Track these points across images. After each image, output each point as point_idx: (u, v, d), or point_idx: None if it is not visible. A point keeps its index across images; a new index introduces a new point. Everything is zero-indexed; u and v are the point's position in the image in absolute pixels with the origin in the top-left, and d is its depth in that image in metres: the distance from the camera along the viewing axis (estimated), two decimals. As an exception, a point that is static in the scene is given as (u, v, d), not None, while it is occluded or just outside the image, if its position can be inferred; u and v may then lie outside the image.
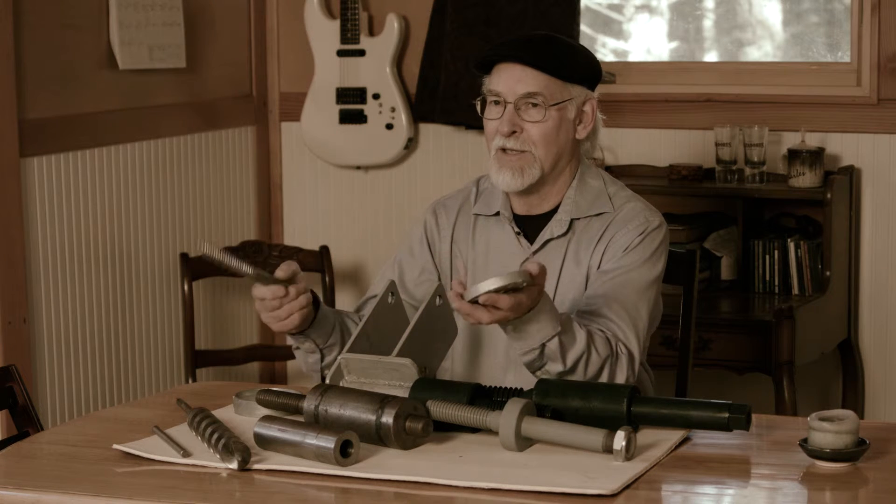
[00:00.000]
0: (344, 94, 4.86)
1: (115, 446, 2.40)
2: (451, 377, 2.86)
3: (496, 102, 2.80)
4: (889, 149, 4.36)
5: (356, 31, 4.82)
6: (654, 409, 2.40)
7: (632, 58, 4.92)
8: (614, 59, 4.87)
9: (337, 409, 2.38)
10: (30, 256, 4.08)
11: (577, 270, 2.80)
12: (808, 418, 2.31)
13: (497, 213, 2.88)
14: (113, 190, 4.38)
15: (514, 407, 2.34)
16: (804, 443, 2.30)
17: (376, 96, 4.83)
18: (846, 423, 2.27)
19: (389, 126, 4.83)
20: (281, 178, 5.10)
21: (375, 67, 4.83)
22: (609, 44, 4.97)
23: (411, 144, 4.87)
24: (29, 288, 4.07)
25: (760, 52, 4.77)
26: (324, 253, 4.72)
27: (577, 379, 2.59)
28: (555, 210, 2.84)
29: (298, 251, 4.73)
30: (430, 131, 4.89)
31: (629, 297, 2.73)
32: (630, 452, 2.28)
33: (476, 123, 4.57)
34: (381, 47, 4.83)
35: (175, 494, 2.20)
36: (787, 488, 2.22)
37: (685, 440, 2.42)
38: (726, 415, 2.35)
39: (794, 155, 4.27)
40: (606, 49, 4.94)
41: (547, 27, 4.42)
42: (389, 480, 2.23)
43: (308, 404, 2.41)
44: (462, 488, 2.19)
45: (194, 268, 4.57)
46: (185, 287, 4.53)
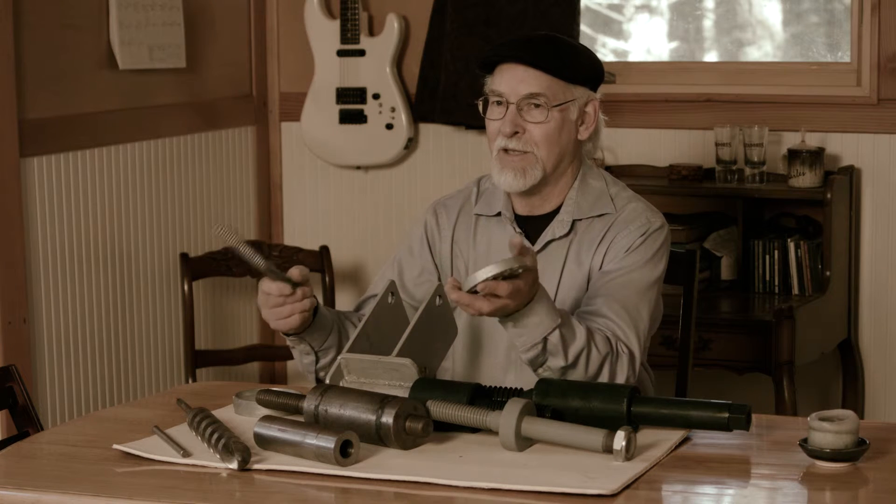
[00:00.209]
0: (344, 94, 4.86)
1: (115, 446, 2.40)
2: (451, 377, 2.86)
3: (498, 103, 2.79)
4: (889, 149, 4.35)
5: (356, 31, 4.82)
6: (654, 409, 2.40)
7: (632, 58, 4.92)
8: (614, 59, 4.87)
9: (337, 409, 2.38)
10: (30, 256, 4.08)
11: (579, 271, 2.80)
12: (808, 418, 2.31)
13: (498, 214, 2.88)
14: (113, 190, 4.38)
15: (514, 407, 2.34)
16: (804, 443, 2.30)
17: (376, 96, 4.83)
18: (846, 423, 2.27)
19: (389, 126, 4.83)
20: (281, 178, 5.10)
21: (375, 67, 4.82)
22: (609, 44, 4.97)
23: (411, 144, 4.87)
24: (29, 288, 4.07)
25: (760, 52, 4.77)
26: (324, 253, 4.72)
27: (577, 377, 2.60)
28: (556, 211, 2.84)
29: (298, 251, 4.72)
30: (430, 131, 4.88)
31: (630, 297, 2.73)
32: (630, 452, 2.28)
33: (476, 123, 4.59)
34: (381, 47, 4.82)
35: (175, 494, 2.20)
36: (787, 488, 2.22)
37: (685, 440, 2.42)
38: (726, 415, 2.35)
39: (794, 155, 4.26)
40: (606, 49, 4.94)
41: (547, 27, 4.41)
42: (389, 480, 2.22)
43: (308, 404, 2.41)
44: (462, 488, 2.19)
45: (194, 268, 4.57)
46: (185, 287, 4.53)
